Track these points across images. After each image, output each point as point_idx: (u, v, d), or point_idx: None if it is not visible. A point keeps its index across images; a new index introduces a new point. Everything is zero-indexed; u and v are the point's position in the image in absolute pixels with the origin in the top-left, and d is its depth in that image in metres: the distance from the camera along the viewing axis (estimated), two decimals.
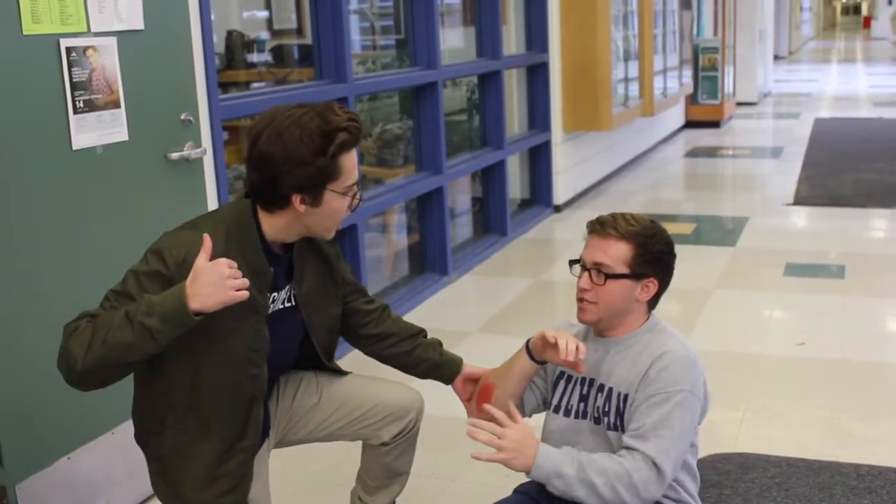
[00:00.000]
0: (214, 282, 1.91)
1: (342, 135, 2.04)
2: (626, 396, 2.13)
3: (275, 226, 2.12)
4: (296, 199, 2.06)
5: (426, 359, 2.48)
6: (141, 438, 2.23)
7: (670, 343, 2.15)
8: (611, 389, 2.16)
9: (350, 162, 2.09)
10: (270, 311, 2.18)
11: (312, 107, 2.07)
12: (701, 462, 3.08)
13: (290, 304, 2.23)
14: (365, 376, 2.54)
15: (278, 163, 2.01)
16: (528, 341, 2.26)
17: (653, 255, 2.17)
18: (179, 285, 1.94)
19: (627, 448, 2.05)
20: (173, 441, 2.13)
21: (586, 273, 2.17)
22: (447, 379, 2.50)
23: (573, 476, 1.99)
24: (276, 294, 2.19)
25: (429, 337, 2.54)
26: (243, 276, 1.99)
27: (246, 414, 2.16)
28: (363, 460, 2.57)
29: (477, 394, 2.39)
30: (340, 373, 2.49)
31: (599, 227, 2.18)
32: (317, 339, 2.33)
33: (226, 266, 1.93)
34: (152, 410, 2.15)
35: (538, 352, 2.22)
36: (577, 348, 2.11)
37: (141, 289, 1.98)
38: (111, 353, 1.93)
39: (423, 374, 2.52)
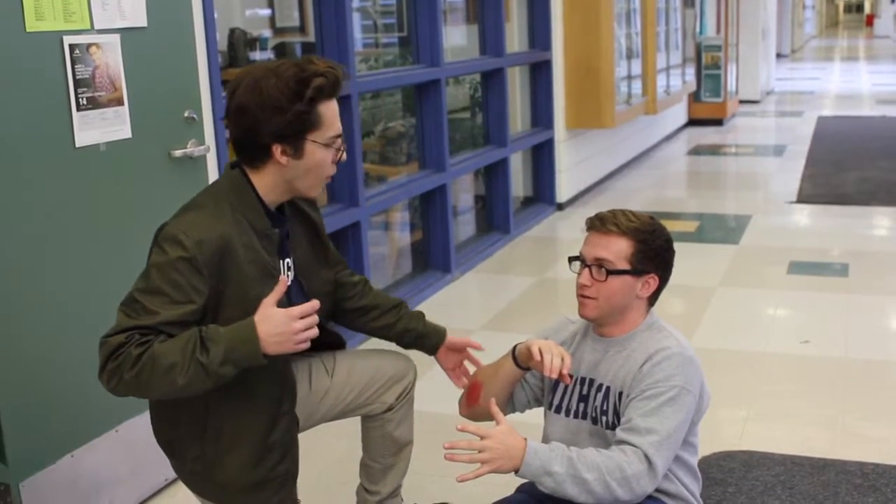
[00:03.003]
0: (284, 333, 1.95)
1: (318, 80, 2.04)
2: (620, 393, 2.12)
3: (264, 185, 2.12)
4: (276, 149, 2.07)
5: (411, 329, 2.53)
6: (170, 440, 2.21)
7: (666, 341, 2.15)
8: (608, 388, 2.16)
9: (330, 111, 2.10)
10: (289, 281, 2.18)
11: (290, 59, 2.10)
12: (705, 460, 3.09)
13: (292, 275, 2.25)
14: (359, 350, 2.58)
15: (254, 110, 2.03)
16: (514, 347, 2.25)
17: (653, 251, 2.16)
18: (250, 325, 1.94)
19: (619, 441, 2.04)
20: (218, 427, 2.13)
21: (587, 269, 2.16)
22: (431, 349, 2.55)
23: (563, 473, 1.97)
24: (287, 261, 2.21)
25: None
26: (251, 240, 2.05)
27: (281, 376, 2.19)
28: (366, 443, 2.59)
29: (466, 392, 2.40)
30: (339, 345, 2.51)
31: (600, 224, 2.18)
32: (321, 311, 2.33)
33: (298, 322, 1.96)
34: (189, 403, 2.11)
35: (524, 360, 2.21)
36: (562, 363, 2.10)
37: (167, 280, 1.96)
38: (167, 389, 1.94)
39: (407, 345, 2.56)
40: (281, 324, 1.95)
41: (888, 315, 4.82)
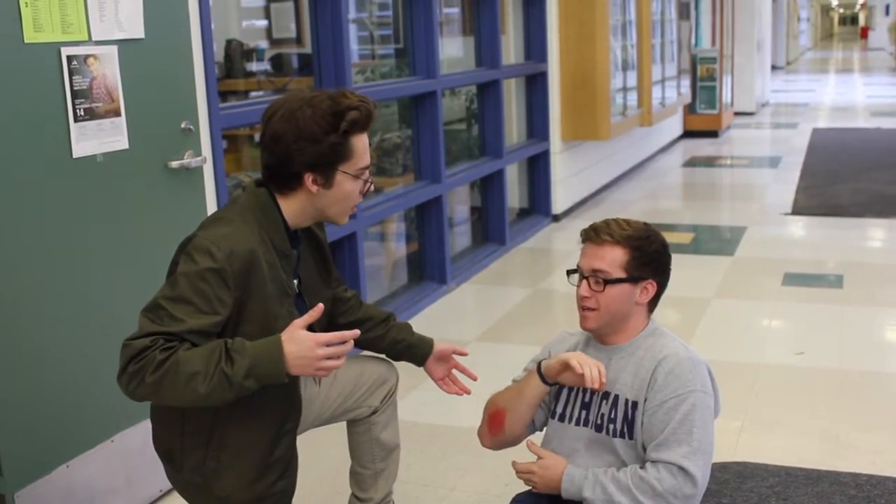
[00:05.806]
0: (307, 357, 1.97)
1: (353, 113, 2.10)
2: (634, 403, 2.13)
3: (291, 210, 2.17)
4: (308, 178, 2.11)
5: (400, 340, 2.57)
6: (171, 449, 2.20)
7: (671, 346, 2.17)
8: (617, 396, 2.16)
9: (361, 144, 2.15)
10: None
11: (324, 90, 2.15)
12: None
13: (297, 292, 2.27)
14: None
15: (290, 140, 2.08)
16: (539, 365, 2.24)
17: (649, 256, 2.19)
18: (276, 343, 1.96)
19: (651, 462, 2.06)
20: (223, 439, 2.13)
21: (585, 281, 2.18)
22: (419, 360, 2.58)
23: (593, 499, 2.04)
24: (296, 282, 2.23)
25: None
26: (274, 259, 2.09)
27: (290, 394, 2.21)
28: (354, 449, 2.62)
29: (488, 420, 2.36)
30: None
31: (594, 234, 2.20)
32: (317, 324, 2.34)
33: (322, 350, 1.98)
34: (196, 413, 2.11)
35: (553, 375, 2.20)
36: (598, 372, 2.11)
37: (195, 290, 1.97)
38: (188, 396, 1.94)
39: (397, 356, 2.59)
40: (306, 348, 1.97)
41: (882, 326, 4.83)
